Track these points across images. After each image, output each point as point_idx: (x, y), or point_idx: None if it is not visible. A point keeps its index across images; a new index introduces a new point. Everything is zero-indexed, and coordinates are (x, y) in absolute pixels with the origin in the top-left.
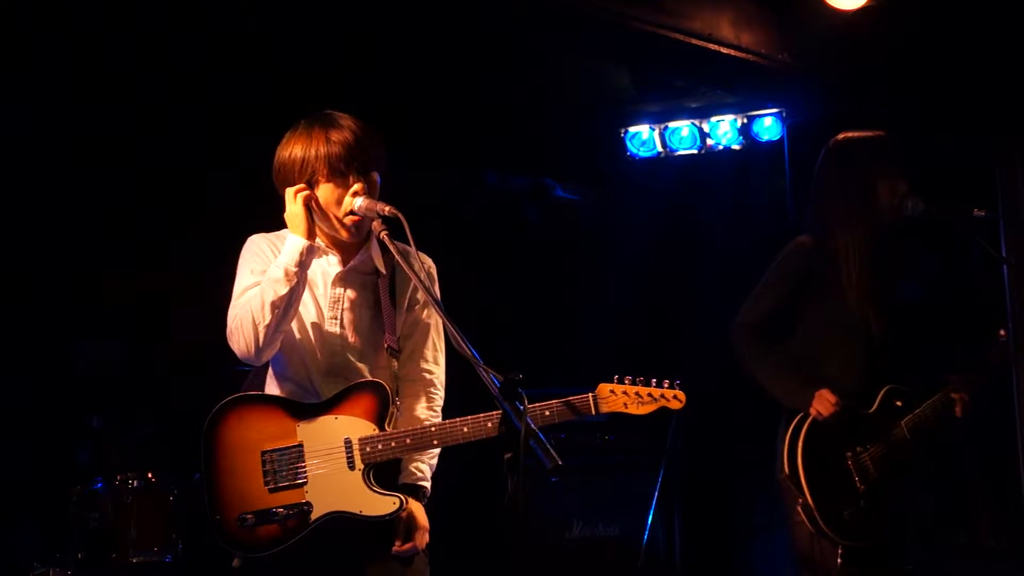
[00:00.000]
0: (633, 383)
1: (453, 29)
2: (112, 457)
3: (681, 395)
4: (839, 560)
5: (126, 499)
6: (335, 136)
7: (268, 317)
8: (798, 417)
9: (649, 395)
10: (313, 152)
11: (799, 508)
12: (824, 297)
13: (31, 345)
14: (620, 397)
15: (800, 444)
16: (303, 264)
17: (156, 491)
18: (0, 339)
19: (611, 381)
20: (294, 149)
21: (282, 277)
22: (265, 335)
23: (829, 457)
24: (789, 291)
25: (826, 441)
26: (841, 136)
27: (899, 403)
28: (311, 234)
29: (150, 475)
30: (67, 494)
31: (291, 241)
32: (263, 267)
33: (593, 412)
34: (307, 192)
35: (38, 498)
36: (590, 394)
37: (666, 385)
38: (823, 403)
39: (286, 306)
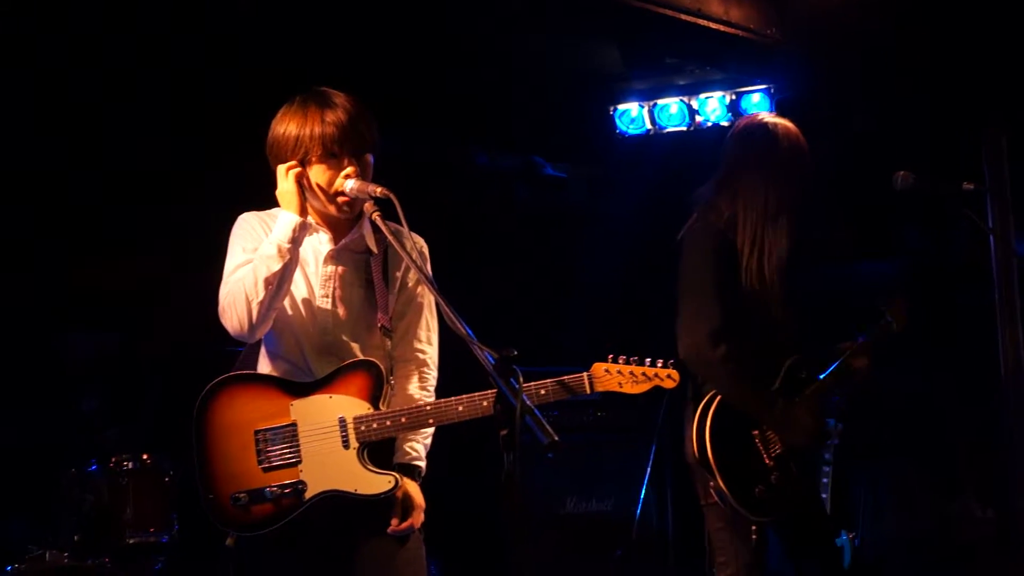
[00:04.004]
0: (627, 362)
1: (441, 7)
2: (105, 439)
3: (675, 374)
4: (753, 537)
5: (121, 480)
6: (330, 117)
7: (261, 294)
8: (704, 400)
9: (643, 374)
10: (308, 131)
11: (712, 490)
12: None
13: (22, 328)
14: (614, 376)
15: (708, 427)
16: (296, 240)
17: (151, 472)
18: None
19: (604, 360)
20: (288, 126)
21: (275, 253)
22: (259, 312)
23: (736, 437)
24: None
25: (732, 422)
26: (763, 116)
27: (802, 375)
28: (303, 211)
29: (145, 456)
30: (61, 476)
31: (283, 217)
32: (255, 245)
33: (588, 391)
34: (299, 169)
35: (31, 481)
36: (584, 373)
37: (660, 364)
38: None
39: (279, 282)
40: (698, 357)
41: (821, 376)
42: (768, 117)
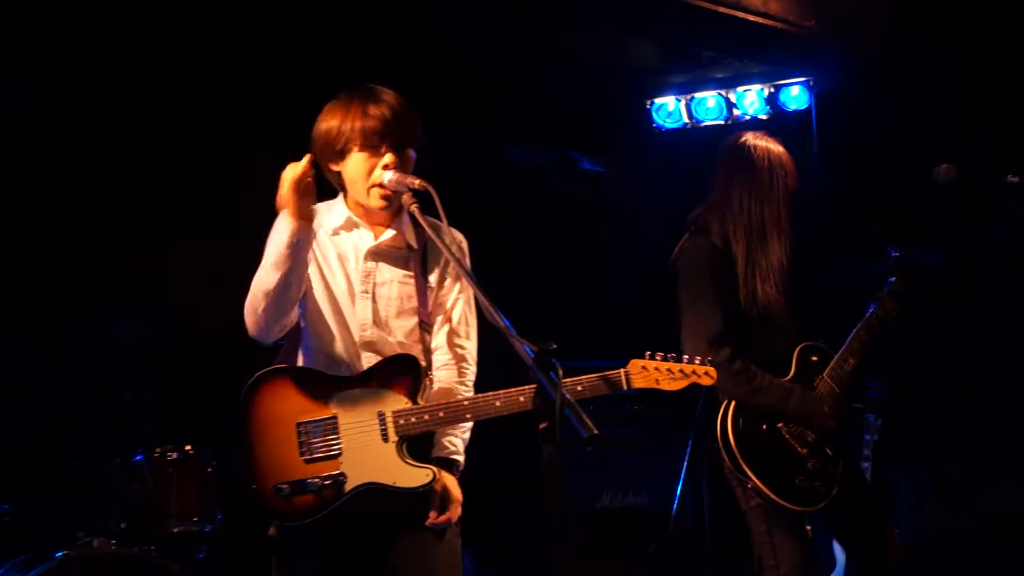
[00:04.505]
0: (665, 359)
1: (480, 2)
2: (147, 429)
3: (712, 371)
4: (809, 528)
5: (165, 471)
6: (373, 110)
7: (264, 302)
8: (722, 407)
9: (680, 371)
10: (349, 124)
11: (752, 492)
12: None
13: (63, 321)
14: (652, 373)
15: (730, 431)
16: (295, 245)
17: (195, 462)
18: (35, 316)
19: (642, 356)
20: (331, 120)
21: (271, 264)
22: (266, 319)
23: (762, 434)
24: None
25: (754, 420)
26: (749, 137)
27: (814, 358)
28: (301, 214)
29: (188, 447)
30: (108, 466)
31: (279, 224)
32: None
33: (625, 387)
34: (300, 173)
35: (79, 470)
36: (622, 370)
37: (697, 362)
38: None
39: (281, 290)
40: (710, 335)
41: (834, 357)
42: (751, 138)
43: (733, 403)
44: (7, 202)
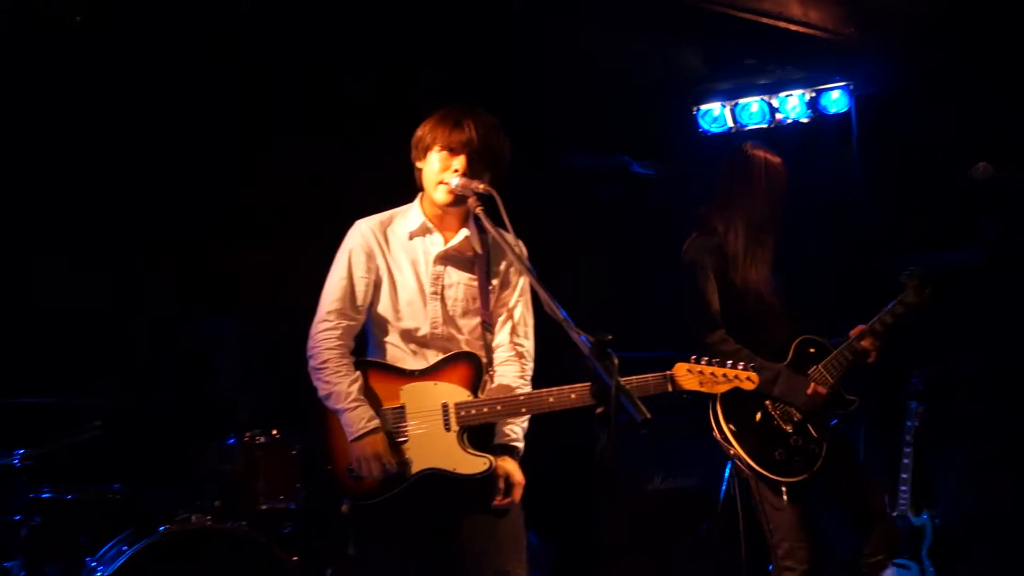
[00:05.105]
0: (709, 363)
1: (528, 9)
2: (240, 416)
3: (754, 376)
4: (785, 499)
5: (254, 453)
6: (467, 124)
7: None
8: None
9: (724, 375)
10: (439, 131)
11: (736, 462)
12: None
13: (170, 316)
14: (696, 376)
15: (719, 407)
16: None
17: (280, 446)
18: (147, 313)
19: (687, 360)
20: (426, 127)
21: (331, 404)
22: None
23: (750, 410)
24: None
25: (741, 398)
26: (748, 147)
27: (812, 350)
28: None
29: (274, 431)
30: (204, 449)
31: (361, 422)
32: (358, 271)
33: (669, 390)
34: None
35: (179, 453)
36: (667, 373)
37: (740, 367)
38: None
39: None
40: (697, 342)
41: (831, 353)
42: (750, 148)
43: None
44: (123, 202)
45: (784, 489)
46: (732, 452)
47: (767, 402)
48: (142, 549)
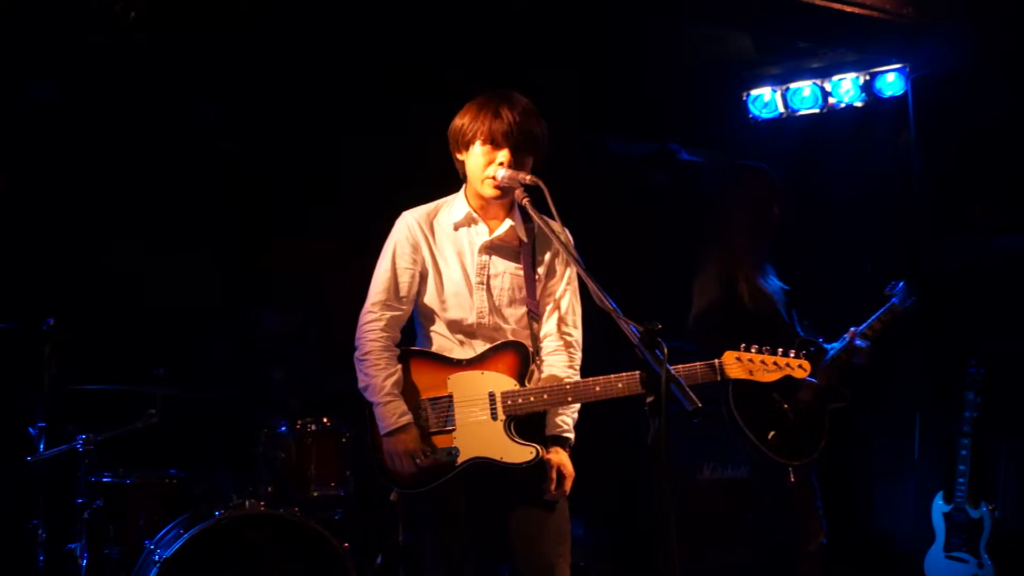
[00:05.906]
0: (759, 351)
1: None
2: (292, 404)
3: (806, 364)
4: (792, 479)
5: (306, 441)
6: (505, 113)
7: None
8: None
9: (775, 363)
10: (479, 123)
11: (741, 441)
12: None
13: (227, 307)
14: (745, 364)
15: (730, 392)
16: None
17: (331, 434)
18: (201, 306)
19: (736, 348)
20: (466, 116)
21: (369, 397)
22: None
23: (757, 396)
24: None
25: (754, 387)
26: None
27: (812, 349)
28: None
29: (325, 420)
30: (257, 436)
31: (393, 417)
32: (402, 263)
33: (718, 378)
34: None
35: (235, 440)
36: (716, 360)
37: (792, 355)
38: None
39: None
40: (702, 325)
41: (830, 352)
42: (746, 170)
43: None
44: (185, 195)
45: (791, 470)
46: (736, 428)
47: (774, 392)
48: (199, 533)
